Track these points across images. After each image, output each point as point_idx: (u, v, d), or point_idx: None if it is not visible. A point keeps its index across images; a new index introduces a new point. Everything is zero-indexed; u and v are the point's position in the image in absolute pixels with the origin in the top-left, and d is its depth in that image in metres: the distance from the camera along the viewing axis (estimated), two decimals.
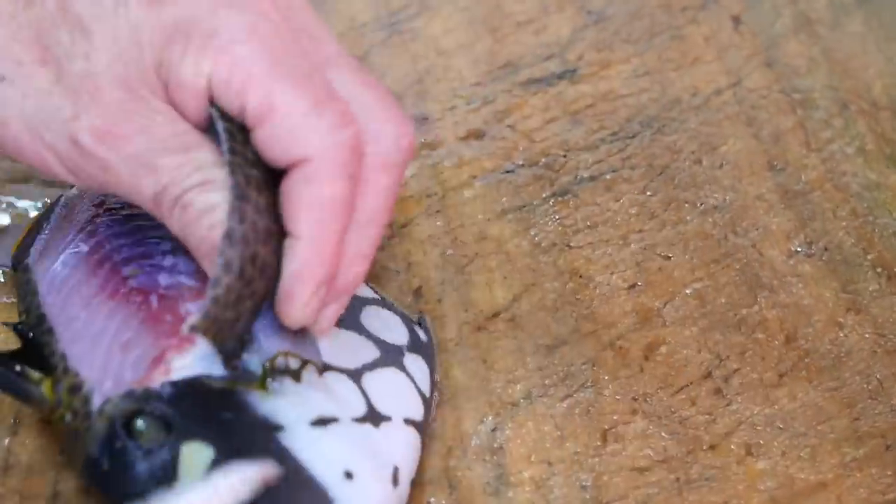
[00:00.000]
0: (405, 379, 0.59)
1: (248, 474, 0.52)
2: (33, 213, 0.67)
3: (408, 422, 0.58)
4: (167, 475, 0.52)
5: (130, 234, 0.61)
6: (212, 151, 0.54)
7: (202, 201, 0.53)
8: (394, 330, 0.61)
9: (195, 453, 0.53)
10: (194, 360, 0.55)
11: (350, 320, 0.60)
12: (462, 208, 0.69)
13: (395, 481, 0.55)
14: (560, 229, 0.68)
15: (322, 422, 0.55)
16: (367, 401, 0.57)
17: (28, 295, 0.60)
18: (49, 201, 0.67)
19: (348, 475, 0.54)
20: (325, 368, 0.57)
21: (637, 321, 0.64)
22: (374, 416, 0.57)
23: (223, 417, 0.54)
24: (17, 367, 0.56)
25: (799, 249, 0.67)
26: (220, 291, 0.52)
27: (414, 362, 0.60)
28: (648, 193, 0.69)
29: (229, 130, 0.54)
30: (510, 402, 0.61)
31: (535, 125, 0.72)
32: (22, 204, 0.67)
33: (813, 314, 0.64)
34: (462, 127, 0.72)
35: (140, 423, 0.53)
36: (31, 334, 0.58)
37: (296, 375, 0.56)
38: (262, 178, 0.54)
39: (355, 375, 0.58)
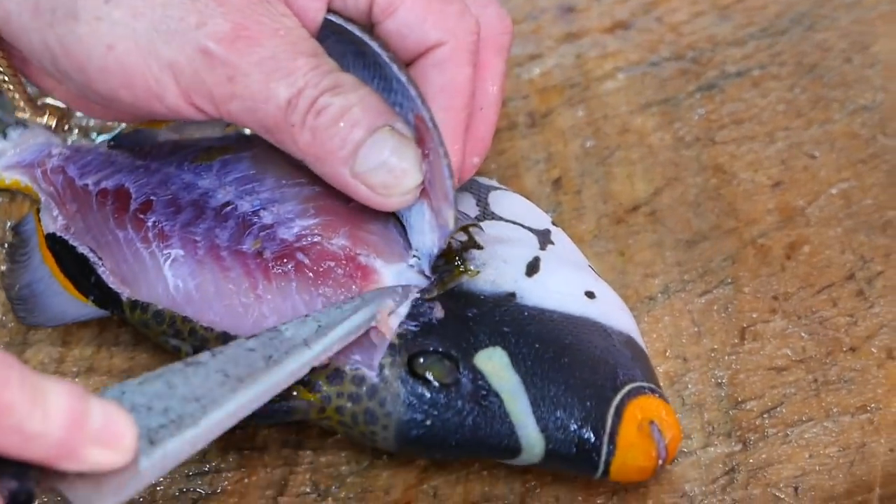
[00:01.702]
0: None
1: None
2: None
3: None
4: (485, 391, 0.52)
5: (186, 209, 0.57)
6: (331, 59, 0.53)
7: (340, 102, 0.52)
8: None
9: (490, 361, 0.52)
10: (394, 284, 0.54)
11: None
12: (605, 99, 0.68)
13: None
14: (704, 124, 0.67)
15: (532, 267, 0.55)
16: (528, 227, 0.57)
17: (183, 327, 0.55)
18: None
19: (589, 295, 0.55)
20: (478, 221, 0.57)
21: (780, 219, 0.63)
22: (543, 236, 0.57)
23: (470, 315, 0.53)
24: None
25: None
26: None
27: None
28: (797, 91, 0.68)
29: (364, 29, 0.54)
30: (647, 296, 0.61)
31: (682, 18, 0.71)
32: None
33: None
34: (607, 18, 0.71)
35: (421, 362, 0.52)
36: None
37: (474, 244, 0.55)
38: None
39: (495, 216, 0.58)
